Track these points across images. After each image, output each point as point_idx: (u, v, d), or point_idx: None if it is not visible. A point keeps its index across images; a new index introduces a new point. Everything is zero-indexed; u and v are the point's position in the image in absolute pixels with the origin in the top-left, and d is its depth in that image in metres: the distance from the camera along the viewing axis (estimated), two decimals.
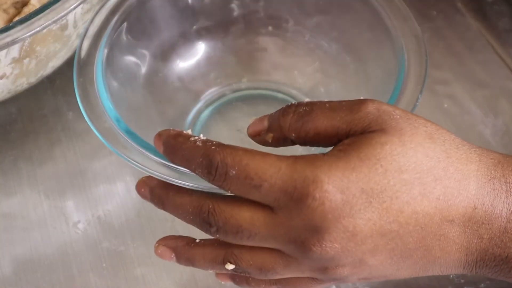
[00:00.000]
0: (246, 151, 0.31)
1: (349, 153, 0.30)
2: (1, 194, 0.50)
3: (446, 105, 0.52)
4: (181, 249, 0.36)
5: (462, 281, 0.44)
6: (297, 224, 0.30)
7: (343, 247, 0.30)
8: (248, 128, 0.35)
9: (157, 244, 0.36)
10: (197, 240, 0.36)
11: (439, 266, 0.33)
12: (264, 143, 0.34)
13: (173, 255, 0.36)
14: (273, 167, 0.30)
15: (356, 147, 0.30)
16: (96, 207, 0.49)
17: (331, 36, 0.49)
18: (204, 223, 0.32)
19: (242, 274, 0.35)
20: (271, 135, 0.34)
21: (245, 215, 0.31)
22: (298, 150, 0.47)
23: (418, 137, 0.31)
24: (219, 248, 0.34)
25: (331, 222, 0.29)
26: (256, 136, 0.35)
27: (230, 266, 0.33)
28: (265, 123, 0.34)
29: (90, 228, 0.48)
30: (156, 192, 0.35)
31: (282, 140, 0.34)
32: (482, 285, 0.44)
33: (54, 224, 0.48)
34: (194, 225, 0.33)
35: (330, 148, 0.32)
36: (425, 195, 0.30)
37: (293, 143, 0.34)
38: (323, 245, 0.30)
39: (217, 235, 0.32)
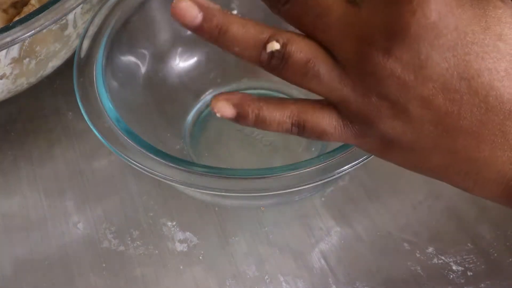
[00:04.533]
0: None
1: None
2: (1, 194, 0.50)
3: None
4: (211, 9, 0.29)
5: (462, 281, 0.44)
6: (376, 23, 0.28)
7: (402, 75, 0.28)
8: None
9: None
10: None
11: (476, 172, 0.29)
12: None
13: (200, 13, 0.29)
14: None
15: None
16: (96, 207, 0.49)
17: None
18: None
19: (276, 63, 0.30)
20: None
21: None
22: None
23: None
24: (267, 26, 0.30)
25: (410, 37, 0.27)
26: None
27: (274, 46, 0.29)
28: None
29: (90, 228, 0.48)
30: None
31: None
32: (482, 285, 0.44)
33: (54, 224, 0.48)
34: None
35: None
36: (509, 74, 0.28)
37: None
38: (386, 58, 0.28)
39: (283, 7, 0.29)
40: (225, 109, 0.31)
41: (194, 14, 0.29)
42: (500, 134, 0.28)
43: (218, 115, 0.31)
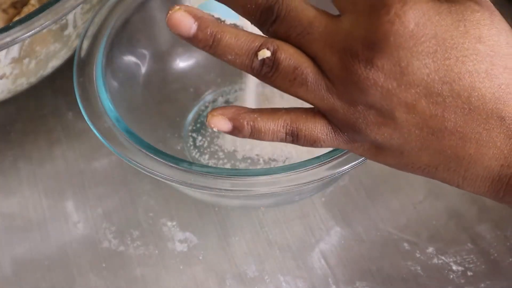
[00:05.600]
0: None
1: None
2: (1, 194, 0.50)
3: None
4: (205, 19, 0.31)
5: (462, 281, 0.44)
6: (357, 34, 0.28)
7: (385, 83, 0.29)
8: None
9: None
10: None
11: (465, 169, 0.30)
12: None
13: (195, 23, 0.30)
14: None
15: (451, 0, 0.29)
16: (96, 207, 0.49)
17: None
18: (266, 10, 0.30)
19: (267, 71, 0.31)
20: None
21: (309, 13, 0.30)
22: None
23: (505, 25, 0.30)
24: (258, 36, 0.31)
25: (390, 46, 0.28)
26: None
27: (265, 53, 0.30)
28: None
29: (90, 228, 0.48)
30: None
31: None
32: (482, 285, 0.44)
33: (54, 224, 0.48)
34: (250, 16, 0.31)
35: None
36: (490, 75, 0.29)
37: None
38: (368, 68, 0.28)
39: (271, 28, 0.30)
40: (221, 123, 0.32)
41: (189, 24, 0.30)
42: (484, 132, 0.29)
43: (215, 129, 0.32)
